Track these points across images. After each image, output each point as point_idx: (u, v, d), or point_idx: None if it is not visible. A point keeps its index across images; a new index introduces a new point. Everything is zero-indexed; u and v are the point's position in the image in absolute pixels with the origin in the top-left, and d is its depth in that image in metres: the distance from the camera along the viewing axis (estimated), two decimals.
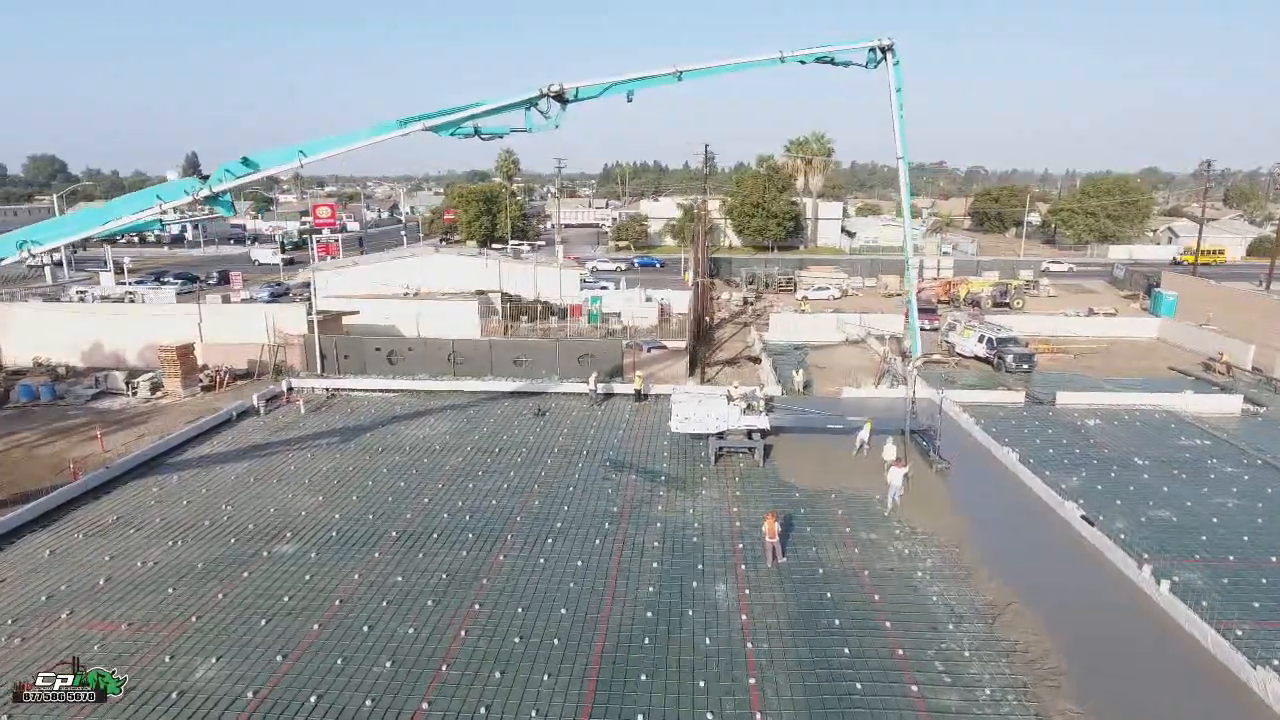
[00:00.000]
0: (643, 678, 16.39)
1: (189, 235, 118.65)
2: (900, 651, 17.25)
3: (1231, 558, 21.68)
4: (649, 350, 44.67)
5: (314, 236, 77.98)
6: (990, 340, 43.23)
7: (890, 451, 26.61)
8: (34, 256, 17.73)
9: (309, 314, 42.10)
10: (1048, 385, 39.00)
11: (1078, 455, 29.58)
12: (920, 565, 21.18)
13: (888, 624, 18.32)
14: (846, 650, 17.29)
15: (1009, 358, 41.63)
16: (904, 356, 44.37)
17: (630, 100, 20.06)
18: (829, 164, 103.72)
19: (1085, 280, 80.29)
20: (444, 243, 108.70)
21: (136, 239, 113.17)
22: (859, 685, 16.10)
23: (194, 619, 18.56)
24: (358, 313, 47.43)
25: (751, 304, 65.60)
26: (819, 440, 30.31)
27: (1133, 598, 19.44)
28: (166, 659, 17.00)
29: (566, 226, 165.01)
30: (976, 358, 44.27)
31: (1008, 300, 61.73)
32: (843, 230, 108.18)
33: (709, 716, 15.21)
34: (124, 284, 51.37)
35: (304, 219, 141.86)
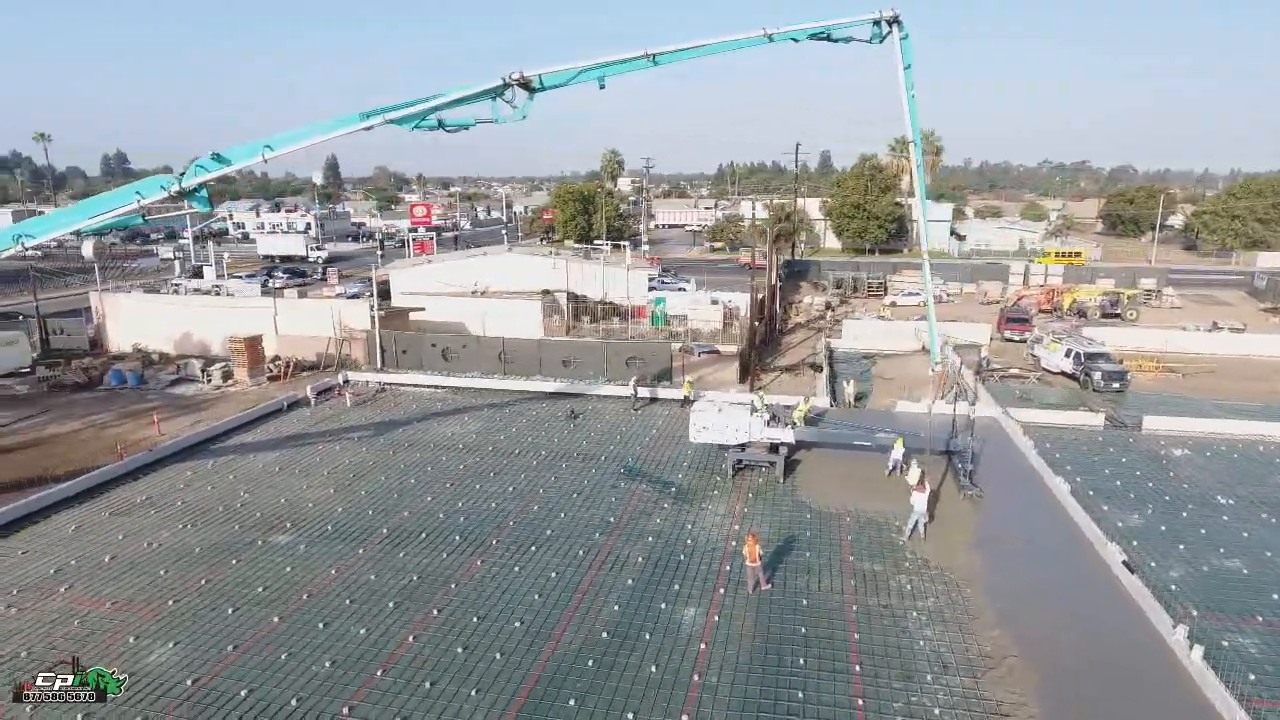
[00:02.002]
0: (571, 703, 15.52)
1: (313, 233, 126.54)
2: (860, 702, 15.53)
3: None
4: (700, 354, 43.49)
5: (411, 234, 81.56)
6: (1078, 355, 39.21)
7: (914, 474, 24.39)
8: (25, 249, 18.96)
9: (372, 310, 43.49)
10: (1139, 407, 34.89)
11: (1149, 489, 26.14)
12: (919, 604, 19.14)
13: (858, 668, 16.58)
14: (800, 694, 15.75)
15: (1096, 375, 37.60)
16: (979, 369, 41.15)
17: (603, 87, 19.14)
18: (936, 163, 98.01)
19: (1221, 290, 71.95)
20: (543, 242, 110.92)
21: (267, 235, 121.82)
22: None
23: (170, 603, 19.21)
24: (423, 309, 48.75)
25: (834, 309, 62.82)
26: (849, 458, 28.30)
27: (1157, 662, 16.73)
28: (130, 640, 17.63)
29: (669, 227, 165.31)
30: (1063, 373, 40.31)
31: (1119, 311, 56.08)
32: (951, 233, 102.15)
33: None
34: (211, 280, 55.15)
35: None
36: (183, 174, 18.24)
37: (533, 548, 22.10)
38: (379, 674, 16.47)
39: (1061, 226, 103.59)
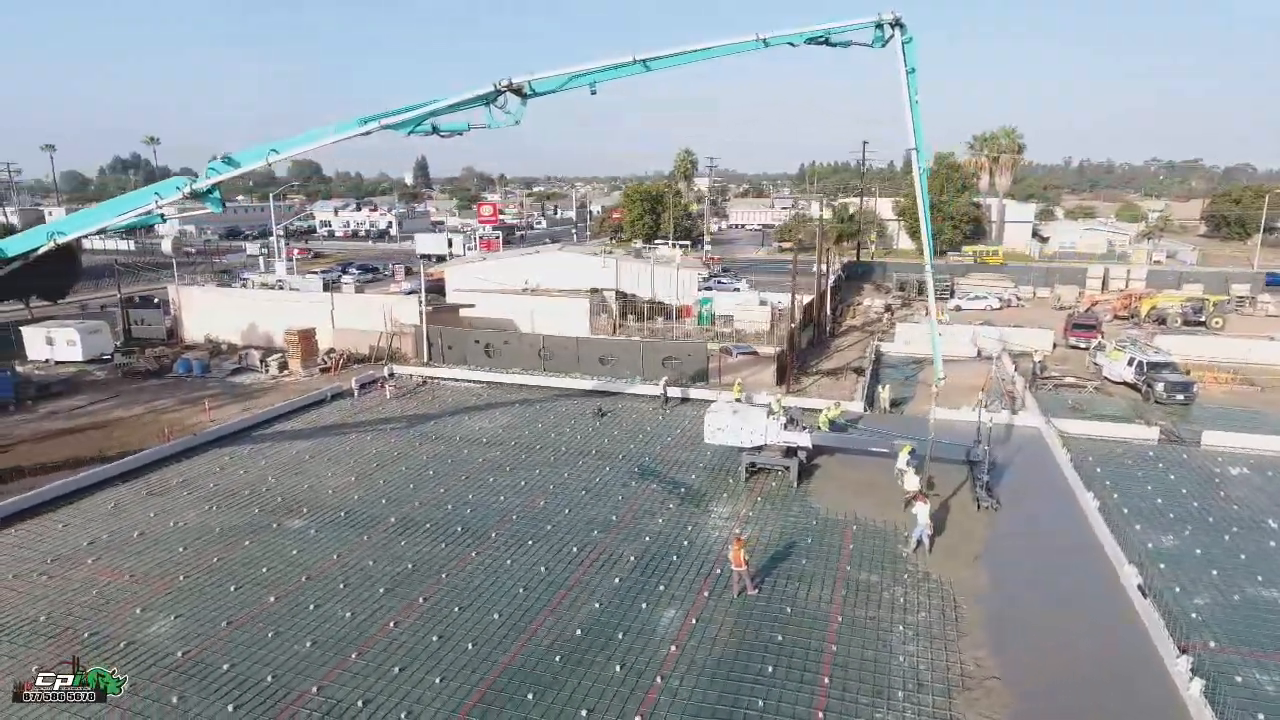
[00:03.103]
0: (529, 697, 15.64)
1: (393, 231, 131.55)
2: (820, 715, 15.07)
3: None
4: (737, 355, 42.99)
5: (477, 233, 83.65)
6: (1140, 364, 36.81)
7: (910, 482, 23.46)
8: (58, 245, 20.39)
9: (420, 306, 44.83)
10: (1204, 421, 32.50)
11: (1192, 509, 24.34)
12: (908, 618, 18.41)
13: (827, 680, 16.09)
14: (760, 703, 15.41)
15: (1159, 386, 35.19)
16: (1035, 376, 39.27)
17: (594, 93, 19.18)
18: (1017, 162, 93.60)
19: None
20: (613, 240, 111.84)
21: (349, 233, 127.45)
22: None
23: (181, 578, 20.36)
24: (473, 306, 49.93)
25: (893, 312, 60.95)
26: (869, 464, 27.42)
27: (1150, 694, 15.58)
28: (137, 610, 18.78)
29: (743, 226, 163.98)
30: (1125, 383, 37.94)
31: (1203, 318, 52.32)
32: (1033, 235, 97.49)
33: None
34: (275, 276, 58.11)
35: (499, 216, 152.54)
36: (196, 176, 19.36)
37: (530, 542, 22.37)
38: (354, 656, 17.02)
39: (1153, 229, 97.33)
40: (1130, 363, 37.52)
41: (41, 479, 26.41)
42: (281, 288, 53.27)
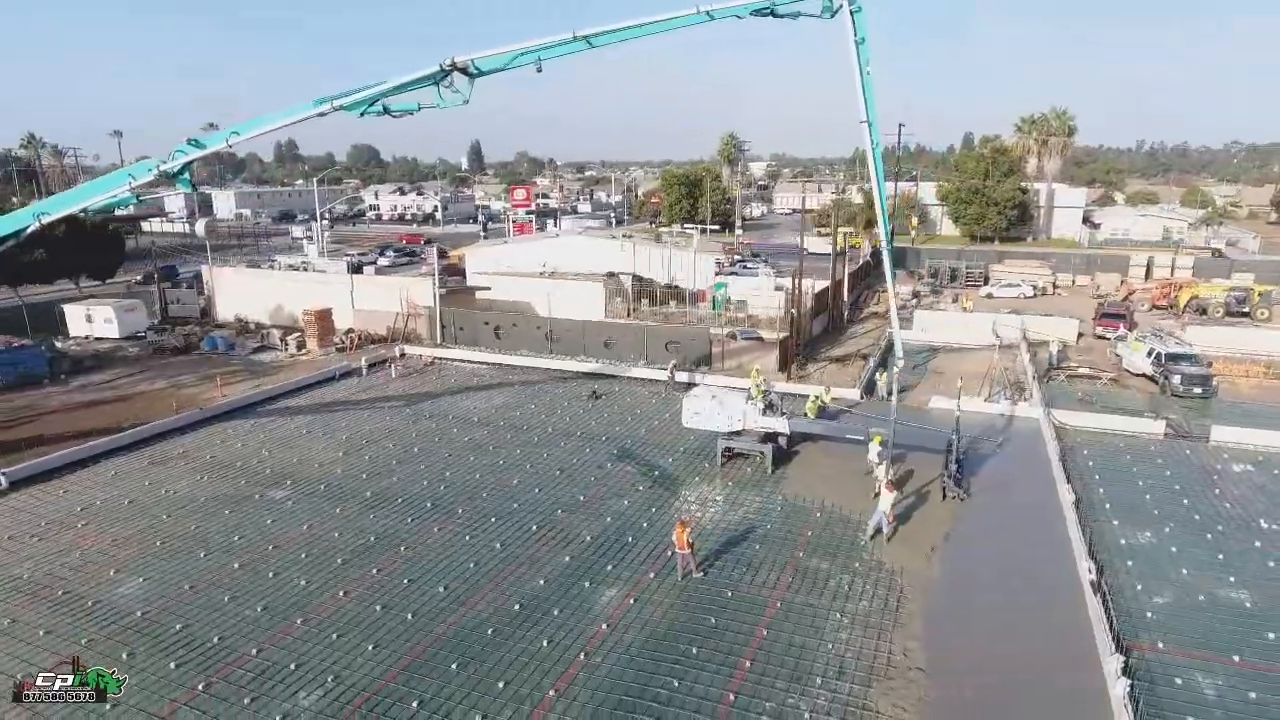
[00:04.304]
0: (453, 667, 16.10)
1: (438, 215, 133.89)
2: (732, 697, 15.13)
3: None
4: (742, 340, 42.72)
5: (511, 217, 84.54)
6: (1159, 355, 35.30)
7: (880, 472, 23.07)
8: (42, 224, 21.54)
9: (435, 288, 45.71)
10: (1222, 416, 31.07)
11: (1181, 506, 23.39)
12: (848, 606, 18.25)
13: (748, 664, 16.12)
14: (675, 683, 15.54)
15: (1175, 378, 33.70)
16: (1050, 367, 38.12)
17: (539, 70, 19.21)
18: (1067, 145, 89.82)
19: None
20: (653, 224, 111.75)
21: (396, 217, 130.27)
22: None
23: (158, 543, 21.45)
24: (489, 289, 50.68)
25: (921, 298, 59.53)
26: (851, 452, 27.03)
27: (1074, 692, 15.16)
28: (111, 572, 19.89)
29: (791, 211, 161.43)
30: (1144, 375, 36.45)
31: (1246, 309, 49.72)
32: (1084, 220, 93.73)
33: (478, 718, 14.59)
34: (300, 258, 59.96)
35: (541, 200, 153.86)
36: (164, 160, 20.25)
37: (493, 519, 22.83)
38: (298, 622, 17.74)
39: (1212, 215, 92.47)
40: (1150, 354, 36.01)
41: (58, 448, 27.98)
42: (307, 269, 54.95)
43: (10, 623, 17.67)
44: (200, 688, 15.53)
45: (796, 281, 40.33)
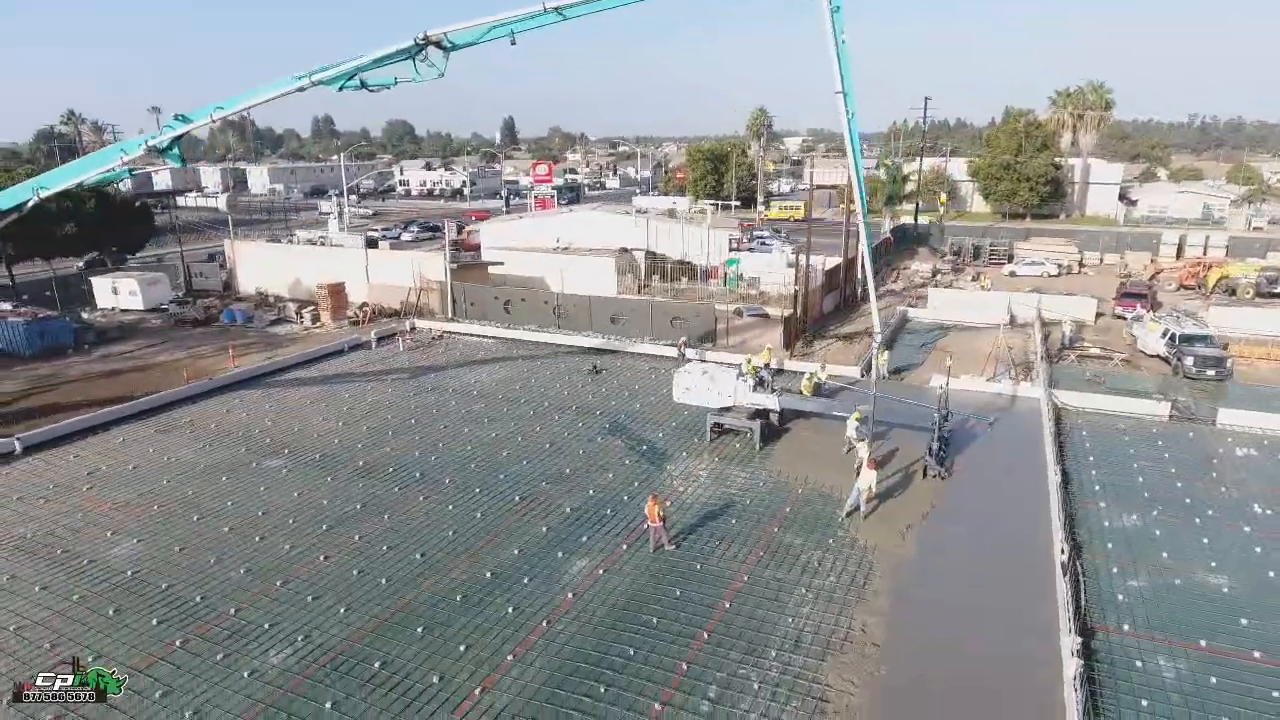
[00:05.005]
0: (419, 630, 16.58)
1: (466, 190, 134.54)
2: (684, 666, 15.37)
3: (1258, 654, 15.73)
4: (748, 316, 42.56)
5: (533, 192, 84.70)
6: (1172, 336, 34.40)
7: (863, 449, 22.95)
8: (41, 198, 22.26)
9: (445, 263, 46.18)
10: (1236, 399, 30.26)
11: (1174, 490, 22.94)
12: (814, 582, 18.34)
13: (705, 636, 16.34)
14: (631, 651, 15.84)
15: (1189, 360, 32.83)
16: (1062, 347, 37.44)
17: (514, 43, 19.24)
18: (1104, 119, 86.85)
19: None
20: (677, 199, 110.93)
21: (425, 192, 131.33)
22: (602, 689, 14.75)
23: (155, 508, 22.28)
24: (502, 264, 51.01)
25: (941, 275, 58.57)
26: (840, 429, 26.90)
27: (1024, 673, 15.12)
28: (108, 534, 20.75)
29: (822, 187, 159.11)
30: (1158, 356, 35.58)
31: (1279, 290, 48.05)
32: (1121, 197, 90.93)
33: (436, 678, 15.06)
34: (319, 233, 60.83)
35: (569, 175, 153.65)
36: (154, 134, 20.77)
37: (477, 490, 23.28)
38: (278, 584, 18.37)
39: (1256, 191, 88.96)
40: (1164, 335, 35.11)
41: (73, 415, 29.05)
42: (324, 244, 55.83)
43: (9, 579, 18.58)
44: (178, 644, 16.24)
45: (801, 258, 39.92)
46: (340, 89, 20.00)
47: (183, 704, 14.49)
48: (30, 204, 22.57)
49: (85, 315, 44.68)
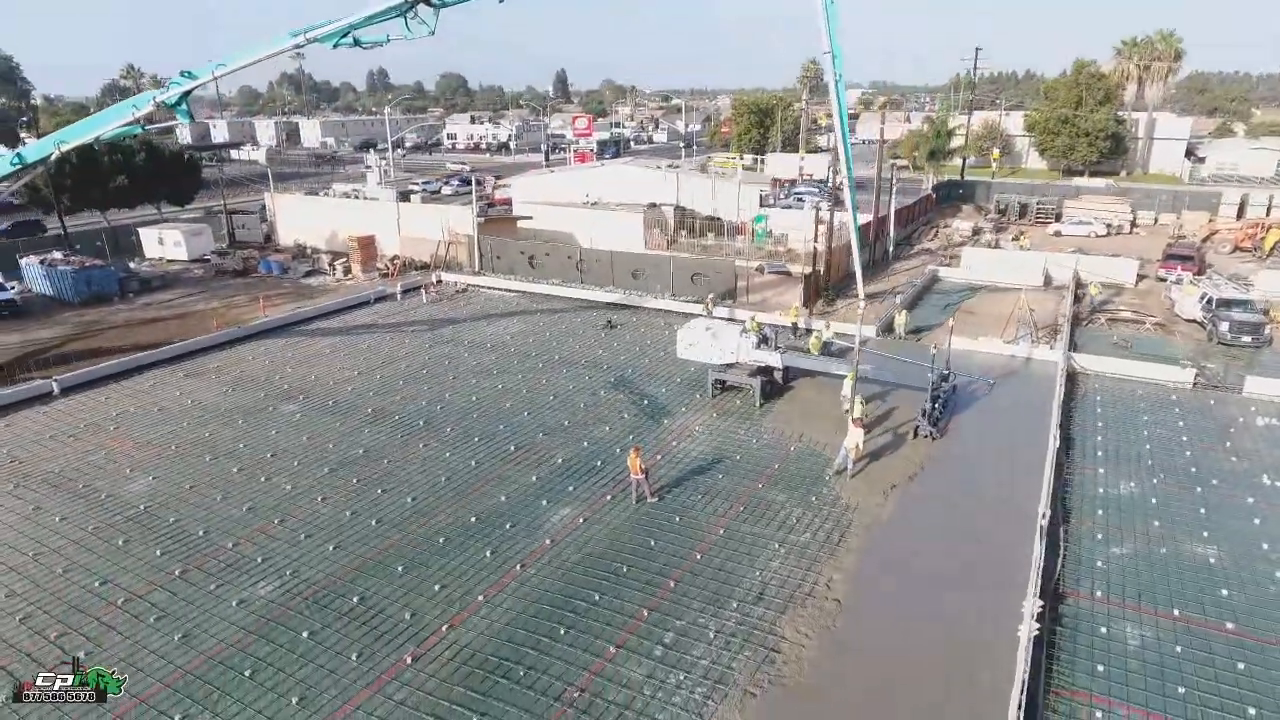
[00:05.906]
0: (400, 569, 17.37)
1: (512, 145, 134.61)
2: (645, 613, 15.82)
3: (1230, 625, 15.43)
4: (770, 273, 42.13)
5: (573, 146, 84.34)
6: (1209, 300, 32.94)
7: (857, 408, 22.77)
8: (61, 152, 23.21)
9: (473, 216, 46.66)
10: (1264, 368, 29.01)
11: (1182, 458, 22.29)
12: (790, 538, 18.51)
13: (672, 585, 16.74)
14: (597, 596, 16.34)
15: (1224, 325, 31.45)
16: (1089, 310, 36.29)
17: (501, 1, 19.15)
18: (1172, 70, 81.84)
19: None
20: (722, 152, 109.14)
21: (472, 146, 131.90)
22: (562, 631, 15.31)
23: (173, 447, 23.54)
24: (531, 218, 51.26)
25: (982, 234, 56.74)
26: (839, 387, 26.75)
27: (981, 636, 15.12)
28: (127, 471, 22.06)
29: (870, 142, 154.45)
30: (1195, 321, 34.17)
31: None
32: (1188, 154, 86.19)
33: (407, 615, 15.82)
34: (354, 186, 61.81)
35: (615, 129, 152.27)
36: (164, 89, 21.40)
37: (476, 439, 23.94)
38: (276, 522, 19.36)
39: None
40: (1201, 298, 33.64)
41: (110, 358, 30.63)
42: (359, 197, 56.83)
43: (34, 509, 19.98)
44: (177, 573, 17.34)
45: (819, 215, 39.17)
46: (335, 46, 20.32)
47: (173, 628, 15.55)
48: (53, 157, 23.65)
49: (132, 265, 46.59)
